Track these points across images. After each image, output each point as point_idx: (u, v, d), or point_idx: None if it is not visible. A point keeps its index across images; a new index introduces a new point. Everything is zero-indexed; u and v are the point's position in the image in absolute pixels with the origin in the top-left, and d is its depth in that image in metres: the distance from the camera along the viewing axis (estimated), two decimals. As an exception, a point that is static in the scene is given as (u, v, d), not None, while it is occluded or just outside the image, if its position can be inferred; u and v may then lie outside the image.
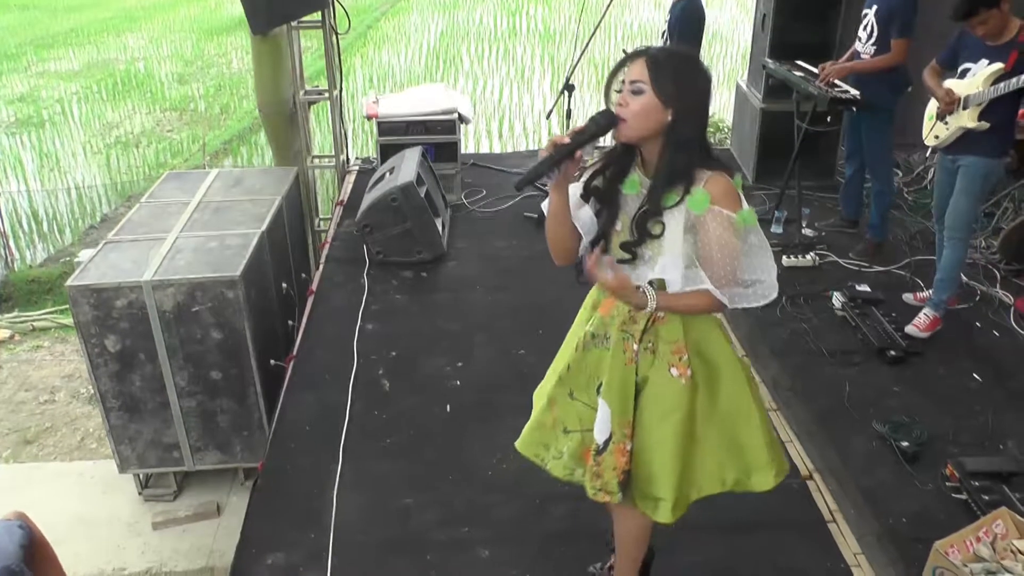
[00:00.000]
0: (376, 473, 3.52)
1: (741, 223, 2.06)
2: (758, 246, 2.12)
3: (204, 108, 13.97)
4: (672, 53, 2.21)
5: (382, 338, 4.48)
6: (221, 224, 5.14)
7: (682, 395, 2.28)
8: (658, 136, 2.11)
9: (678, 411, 2.29)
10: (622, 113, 2.09)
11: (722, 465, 2.38)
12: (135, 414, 4.75)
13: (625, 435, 2.33)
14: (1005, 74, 3.96)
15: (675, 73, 2.08)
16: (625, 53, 2.16)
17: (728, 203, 2.06)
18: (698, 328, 2.28)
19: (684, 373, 2.26)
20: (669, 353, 2.27)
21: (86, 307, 4.47)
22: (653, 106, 2.07)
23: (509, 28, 19.25)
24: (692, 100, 2.09)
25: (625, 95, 2.09)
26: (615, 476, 2.36)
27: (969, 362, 4.23)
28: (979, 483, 3.31)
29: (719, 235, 2.06)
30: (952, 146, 4.26)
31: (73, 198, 10.34)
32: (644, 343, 2.28)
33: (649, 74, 2.07)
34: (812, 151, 5.78)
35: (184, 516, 4.93)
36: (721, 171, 2.10)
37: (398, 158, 5.48)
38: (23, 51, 18.27)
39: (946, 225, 4.33)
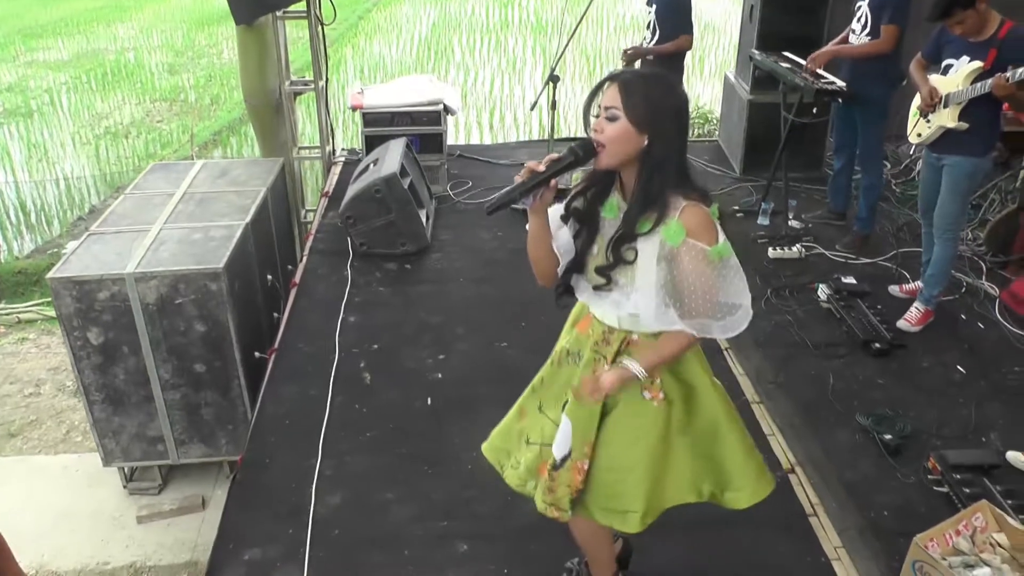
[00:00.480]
0: (356, 467, 3.49)
1: (716, 256, 2.05)
2: (733, 274, 2.10)
3: (194, 99, 13.89)
4: (644, 77, 2.18)
5: (364, 330, 4.46)
6: (206, 215, 5.10)
7: (654, 417, 2.28)
8: (635, 161, 2.10)
9: (650, 435, 2.29)
10: (598, 139, 2.08)
11: (698, 475, 2.39)
12: (119, 407, 4.73)
13: (584, 454, 2.33)
14: (984, 72, 3.92)
15: (647, 97, 2.05)
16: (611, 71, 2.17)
17: (703, 235, 2.04)
18: None
19: (656, 396, 2.27)
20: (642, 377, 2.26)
21: (68, 299, 4.44)
22: (627, 132, 2.05)
23: (501, 19, 19.19)
24: (666, 124, 2.07)
25: (600, 121, 2.08)
26: (568, 493, 2.37)
27: (954, 354, 4.23)
28: (960, 476, 3.31)
29: (693, 268, 2.05)
30: (936, 144, 4.23)
31: (62, 189, 10.28)
32: (616, 365, 2.26)
33: (621, 99, 2.05)
34: (799, 143, 5.76)
35: (169, 510, 4.91)
36: (698, 200, 2.08)
37: (382, 149, 5.45)
38: (11, 40, 18.15)
39: (935, 224, 4.31)
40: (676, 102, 2.11)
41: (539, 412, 2.50)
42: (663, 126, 2.06)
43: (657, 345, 2.20)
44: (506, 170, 6.65)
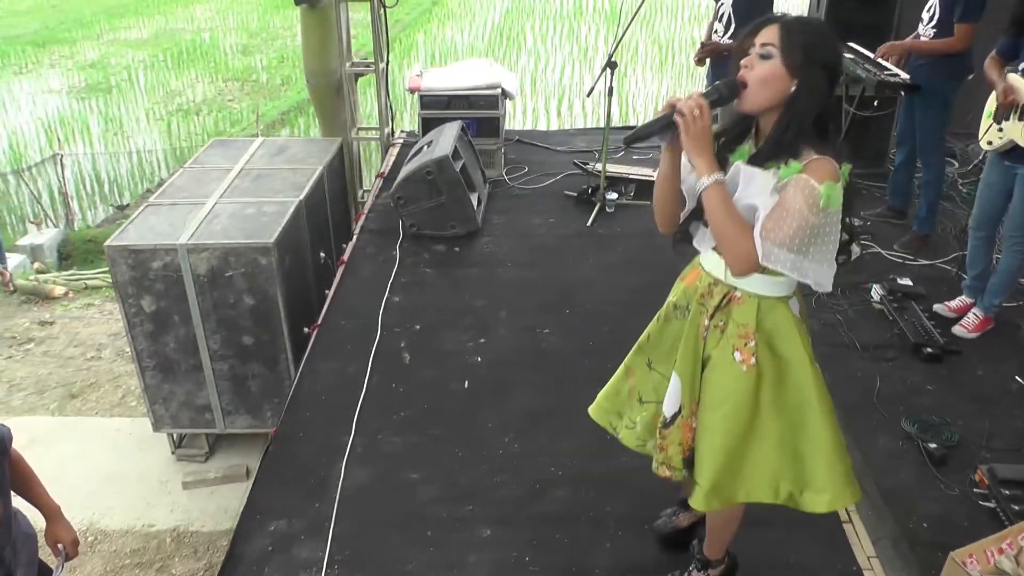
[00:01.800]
0: (387, 446, 3.51)
1: (824, 196, 1.95)
2: (829, 228, 2.00)
3: (266, 79, 14.15)
4: (807, 23, 2.12)
5: (407, 311, 4.47)
6: (260, 191, 5.19)
7: (740, 383, 2.20)
8: (778, 108, 2.05)
9: (732, 400, 2.22)
10: (746, 76, 2.04)
11: (778, 473, 2.28)
12: (169, 374, 4.85)
13: (692, 411, 2.30)
14: None
15: (806, 44, 2.01)
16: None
17: (821, 177, 1.97)
18: (772, 319, 2.19)
19: (747, 360, 2.18)
20: (736, 336, 2.20)
21: (124, 267, 4.57)
22: (778, 73, 2.01)
23: (575, 7, 19.11)
24: (818, 74, 2.01)
25: (753, 58, 2.05)
26: (679, 452, 2.34)
27: (1012, 364, 4.04)
28: (1010, 491, 3.16)
29: (793, 196, 1.97)
30: (1009, 153, 3.96)
31: (134, 162, 10.61)
32: (716, 320, 2.22)
33: (780, 39, 2.01)
34: (862, 137, 5.58)
35: (213, 478, 5.03)
36: (830, 156, 2.01)
37: (437, 132, 5.45)
38: (96, 19, 18.74)
39: (1006, 232, 4.08)
40: (833, 55, 2.07)
41: (649, 369, 2.46)
42: (815, 75, 2.00)
43: (728, 201, 2.08)
44: (564, 156, 6.61)
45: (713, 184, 2.06)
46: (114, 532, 4.60)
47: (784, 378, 2.21)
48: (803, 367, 2.20)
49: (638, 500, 2.71)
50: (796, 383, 2.21)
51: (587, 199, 5.69)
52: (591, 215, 5.53)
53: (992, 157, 4.15)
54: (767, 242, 2.01)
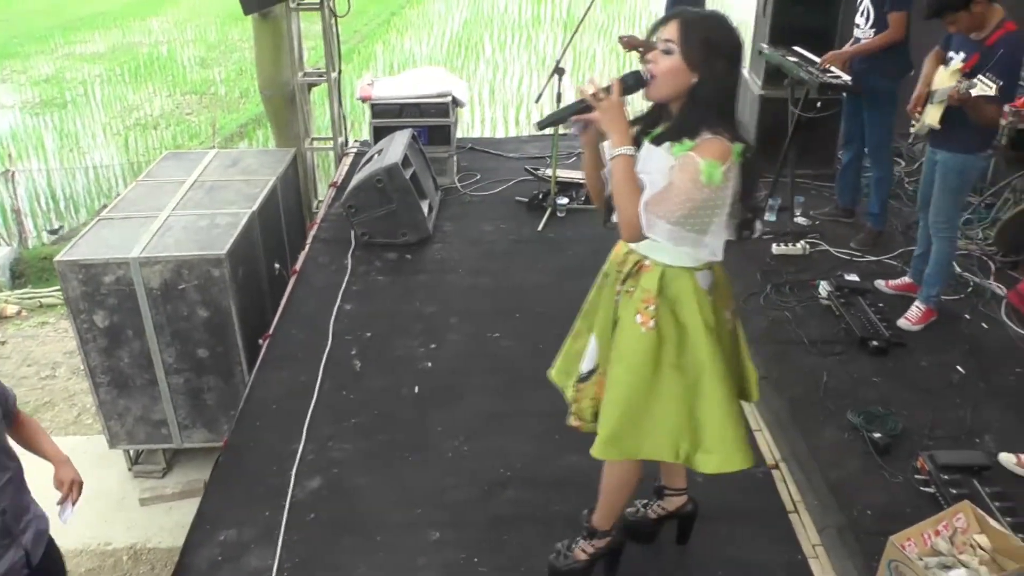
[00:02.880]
0: (337, 453, 3.51)
1: (705, 172, 2.07)
2: (711, 207, 2.13)
3: (224, 92, 14.07)
4: (705, 17, 2.22)
5: (359, 319, 4.48)
6: (214, 203, 5.18)
7: (640, 343, 2.33)
8: (682, 96, 2.18)
9: (630, 356, 2.35)
10: (651, 70, 2.17)
11: (678, 432, 2.40)
12: (124, 390, 4.81)
13: (606, 370, 2.43)
14: (967, 73, 3.77)
15: (704, 38, 2.12)
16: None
17: (710, 153, 2.09)
18: (676, 287, 2.31)
19: (646, 322, 2.31)
20: (640, 300, 2.33)
21: (75, 282, 4.53)
22: (679, 68, 2.13)
23: (533, 16, 19.19)
24: (717, 65, 2.13)
25: (656, 54, 2.17)
26: (591, 406, 2.50)
27: (954, 354, 4.13)
28: (949, 477, 3.23)
29: (678, 172, 2.11)
30: (931, 136, 4.12)
31: (90, 178, 10.49)
32: (627, 286, 2.37)
33: (679, 35, 2.13)
34: (810, 139, 5.66)
35: (171, 493, 4.99)
36: (725, 137, 2.12)
37: (387, 140, 5.46)
38: (51, 33, 18.52)
39: (930, 221, 4.24)
40: (731, 46, 2.16)
41: (589, 333, 2.58)
42: (714, 67, 2.12)
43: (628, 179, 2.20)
44: (515, 163, 6.65)
45: (619, 156, 2.20)
46: (69, 552, 4.53)
47: (683, 343, 2.33)
48: (700, 334, 2.32)
49: (585, 501, 2.72)
50: (693, 348, 2.33)
51: (538, 204, 5.73)
52: (542, 220, 5.57)
53: (927, 150, 4.32)
54: (650, 214, 2.14)
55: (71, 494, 2.66)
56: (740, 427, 2.43)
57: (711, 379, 2.35)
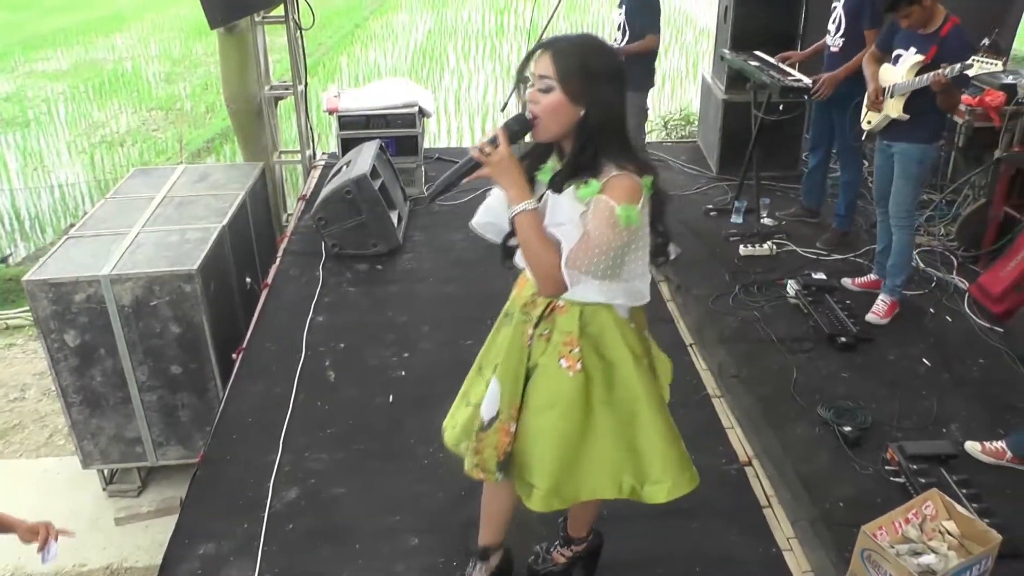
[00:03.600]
0: (314, 463, 3.52)
1: (622, 216, 1.96)
2: (634, 250, 2.07)
3: (190, 107, 13.98)
4: (578, 45, 2.05)
5: (331, 330, 4.49)
6: (183, 219, 5.15)
7: (569, 387, 2.23)
8: (573, 132, 2.04)
9: (560, 404, 2.24)
10: (534, 111, 2.03)
11: (618, 468, 2.32)
12: (96, 409, 4.77)
13: (511, 416, 2.29)
14: (926, 66, 3.99)
15: (583, 68, 1.98)
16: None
17: (619, 196, 1.98)
18: (597, 323, 2.22)
19: (573, 366, 2.21)
20: (561, 344, 2.22)
21: (45, 302, 4.48)
22: (562, 103, 1.99)
23: (497, 26, 19.25)
24: (602, 93, 2.00)
25: (535, 92, 2.02)
26: (495, 455, 2.33)
27: (920, 348, 4.23)
28: (917, 466, 3.31)
29: (594, 221, 1.99)
30: (885, 131, 4.30)
31: (56, 197, 10.36)
32: (540, 329, 2.24)
33: (555, 69, 1.98)
34: (774, 141, 5.78)
35: (147, 512, 4.95)
36: (632, 172, 2.01)
37: (355, 152, 5.49)
38: (11, 51, 18.28)
39: (890, 213, 4.36)
40: (613, 69, 2.04)
41: (479, 374, 2.50)
42: (599, 96, 2.00)
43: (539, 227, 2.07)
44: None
45: (521, 212, 2.06)
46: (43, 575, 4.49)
47: (612, 379, 2.25)
48: (628, 367, 2.25)
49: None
50: (624, 382, 2.25)
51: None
52: (510, 228, 5.58)
53: (878, 144, 4.45)
54: (574, 271, 2.02)
55: (48, 537, 2.54)
56: (681, 448, 2.38)
57: (647, 408, 2.28)
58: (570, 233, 2.04)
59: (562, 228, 2.07)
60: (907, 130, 4.17)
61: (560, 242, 2.06)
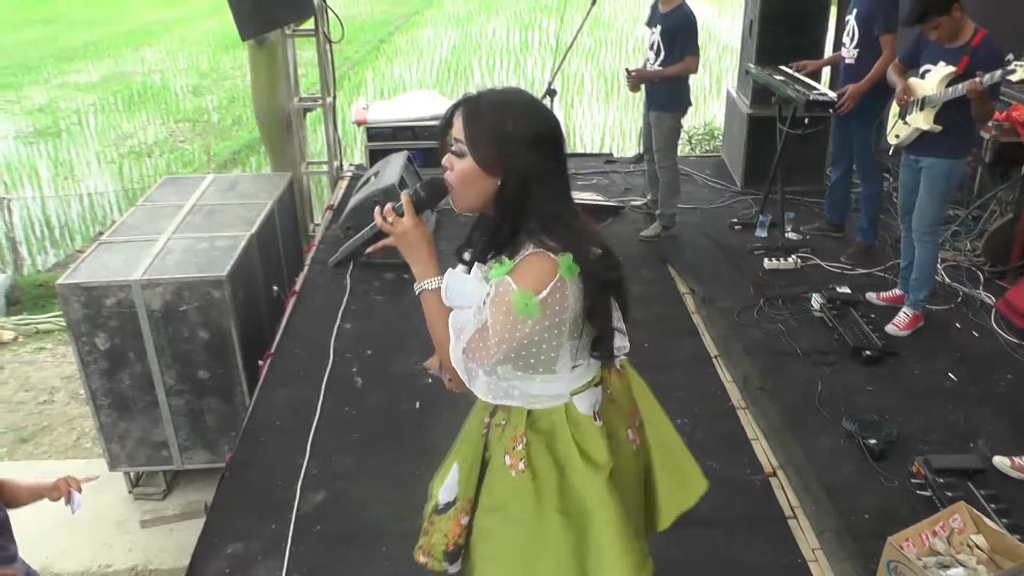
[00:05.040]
0: (341, 467, 3.55)
1: (519, 303, 1.70)
2: (537, 344, 1.79)
3: (217, 119, 14.16)
4: (494, 105, 1.77)
5: (359, 337, 4.54)
6: (212, 227, 5.22)
7: (511, 488, 1.95)
8: (492, 202, 1.79)
9: (505, 507, 1.97)
10: (448, 177, 1.80)
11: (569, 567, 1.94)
12: (124, 412, 4.83)
13: (464, 508, 2.05)
14: (957, 77, 4.00)
15: (495, 132, 1.72)
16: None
17: (525, 278, 1.72)
18: (547, 420, 1.94)
19: (516, 464, 1.92)
20: (508, 437, 1.95)
21: (77, 305, 4.55)
22: (473, 172, 1.75)
23: (521, 41, 19.37)
24: (522, 161, 1.72)
25: (450, 157, 1.79)
26: (443, 543, 2.09)
27: (946, 362, 4.22)
28: (944, 480, 3.30)
29: (490, 308, 1.74)
30: (913, 146, 4.30)
31: (85, 205, 10.52)
32: (498, 418, 2.00)
33: (466, 133, 1.74)
34: (799, 156, 5.79)
35: (172, 515, 4.98)
36: (551, 250, 1.73)
37: (384, 163, 5.55)
38: (44, 63, 18.61)
39: (914, 228, 4.36)
40: (534, 131, 1.75)
41: (457, 449, 2.22)
42: (518, 163, 1.72)
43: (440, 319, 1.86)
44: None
45: (424, 292, 1.89)
46: (69, 575, 4.54)
47: (563, 484, 1.93)
48: (580, 474, 1.92)
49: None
50: (577, 490, 1.92)
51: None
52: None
53: (903, 159, 4.46)
54: (471, 362, 1.79)
55: (70, 489, 2.66)
56: (635, 547, 1.97)
57: (600, 527, 1.91)
58: (465, 319, 1.80)
59: (464, 312, 1.82)
60: (936, 145, 4.17)
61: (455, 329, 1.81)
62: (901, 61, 4.42)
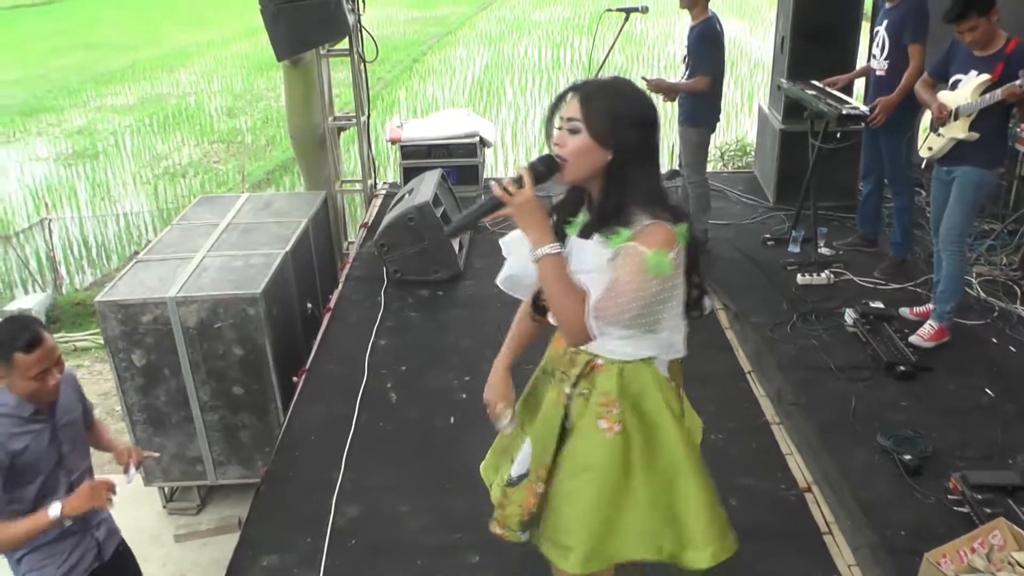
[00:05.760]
0: (376, 481, 3.59)
1: (652, 264, 1.89)
2: (664, 300, 1.96)
3: (251, 140, 14.36)
4: (605, 87, 2.02)
5: (394, 353, 4.58)
6: (247, 244, 5.29)
7: (606, 450, 2.13)
8: (601, 176, 1.98)
9: (598, 466, 2.14)
10: (560, 153, 1.97)
11: (657, 533, 2.19)
12: (160, 428, 4.89)
13: (540, 477, 2.23)
14: (992, 84, 3.99)
15: (609, 111, 1.94)
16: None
17: (655, 242, 1.91)
18: (638, 383, 2.13)
19: (612, 428, 2.12)
20: (600, 404, 2.13)
21: (114, 322, 4.63)
22: (588, 146, 1.94)
23: (553, 60, 19.47)
24: (630, 137, 1.94)
25: (562, 134, 1.98)
26: (518, 513, 2.28)
27: (982, 378, 4.16)
28: (982, 496, 3.26)
29: (622, 269, 1.92)
30: (946, 158, 4.29)
31: (121, 226, 10.70)
32: (580, 388, 2.16)
33: (582, 111, 1.94)
34: (830, 171, 5.76)
35: (206, 529, 5.03)
36: (665, 220, 1.94)
37: (418, 180, 5.60)
38: (84, 87, 19.02)
39: (940, 236, 4.36)
40: (641, 113, 1.99)
41: (521, 430, 2.39)
42: (627, 140, 1.94)
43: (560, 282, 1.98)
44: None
45: (544, 257, 1.98)
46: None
47: (653, 440, 2.14)
48: (670, 428, 2.14)
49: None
50: (665, 444, 2.14)
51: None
52: (571, 255, 5.62)
53: (935, 172, 4.45)
54: (601, 321, 1.95)
55: (132, 459, 2.95)
56: (721, 511, 2.25)
57: (688, 473, 2.15)
58: (596, 281, 1.97)
59: (588, 275, 2.00)
60: (968, 154, 4.17)
61: (586, 289, 1.98)
62: (931, 74, 4.42)
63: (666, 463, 2.15)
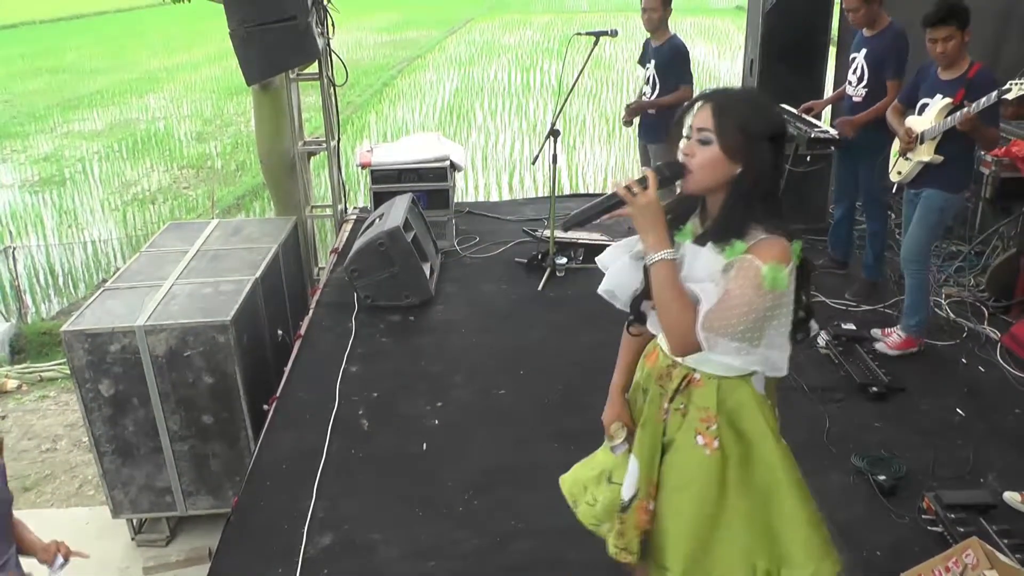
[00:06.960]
0: (348, 510, 3.53)
1: (768, 277, 1.88)
2: (776, 316, 1.94)
3: (221, 165, 14.27)
4: (741, 100, 2.02)
5: (365, 380, 4.53)
6: (217, 271, 5.23)
7: (704, 467, 2.13)
8: (723, 188, 1.99)
9: (696, 483, 2.15)
10: (688, 163, 1.98)
11: (751, 552, 2.16)
12: (128, 458, 4.81)
13: (649, 494, 2.23)
14: (953, 108, 4.08)
15: (742, 125, 1.94)
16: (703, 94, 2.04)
17: (772, 257, 1.90)
18: (735, 399, 2.12)
19: (710, 444, 2.11)
20: (698, 420, 2.13)
21: (81, 352, 4.56)
22: (719, 159, 1.95)
23: (523, 83, 19.60)
24: (762, 153, 1.94)
25: (692, 144, 1.98)
26: (637, 535, 2.26)
27: (953, 398, 4.20)
28: (956, 515, 3.27)
29: (736, 281, 1.91)
30: (914, 181, 4.37)
31: (89, 253, 10.57)
32: (676, 403, 2.16)
33: (715, 123, 1.94)
34: (800, 193, 5.80)
35: (175, 561, 4.94)
36: (781, 236, 1.94)
37: (388, 205, 5.58)
38: (50, 113, 18.83)
39: (902, 256, 4.44)
40: (773, 126, 1.99)
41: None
42: (758, 156, 1.94)
43: (673, 288, 1.98)
44: (513, 225, 6.78)
45: (660, 261, 1.98)
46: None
47: (750, 457, 2.13)
48: (768, 445, 2.14)
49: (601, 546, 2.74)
50: (762, 461, 2.14)
51: (537, 265, 5.83)
52: (542, 280, 5.66)
53: (905, 194, 4.55)
54: (711, 332, 1.93)
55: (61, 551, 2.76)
56: (824, 532, 2.22)
57: (788, 489, 2.14)
58: (709, 291, 1.96)
59: (701, 285, 1.99)
60: (937, 177, 4.25)
61: (698, 299, 1.97)
62: (901, 101, 4.51)
63: (762, 480, 2.14)
